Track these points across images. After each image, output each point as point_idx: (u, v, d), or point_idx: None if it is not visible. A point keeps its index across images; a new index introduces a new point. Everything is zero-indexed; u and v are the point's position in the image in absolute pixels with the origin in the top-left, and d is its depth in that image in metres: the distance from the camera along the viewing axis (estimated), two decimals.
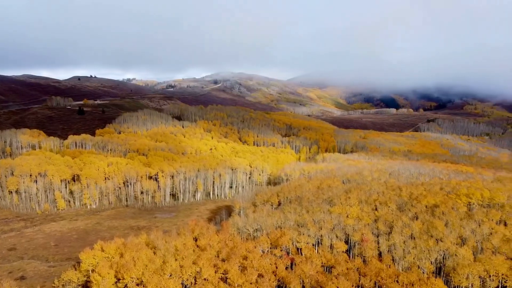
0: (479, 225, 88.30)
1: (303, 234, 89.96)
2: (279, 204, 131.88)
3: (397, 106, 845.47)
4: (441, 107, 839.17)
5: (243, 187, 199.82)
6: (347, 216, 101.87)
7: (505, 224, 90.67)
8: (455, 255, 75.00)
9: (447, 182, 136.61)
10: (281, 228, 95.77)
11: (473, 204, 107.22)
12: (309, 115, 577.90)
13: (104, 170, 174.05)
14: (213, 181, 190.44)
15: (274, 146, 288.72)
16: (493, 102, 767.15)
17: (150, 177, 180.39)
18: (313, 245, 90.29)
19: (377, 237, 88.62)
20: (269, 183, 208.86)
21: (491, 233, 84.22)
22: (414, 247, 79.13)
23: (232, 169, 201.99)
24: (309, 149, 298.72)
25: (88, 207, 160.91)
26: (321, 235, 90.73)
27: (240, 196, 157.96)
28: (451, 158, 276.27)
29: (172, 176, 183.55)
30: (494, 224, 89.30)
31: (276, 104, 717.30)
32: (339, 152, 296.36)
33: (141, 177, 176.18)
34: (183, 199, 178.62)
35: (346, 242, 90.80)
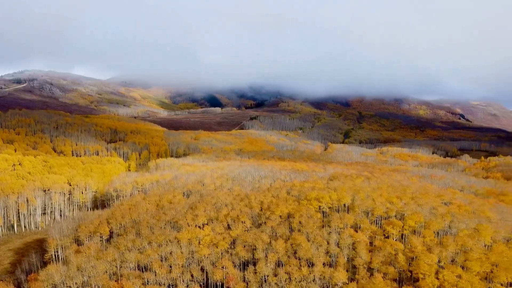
0: (339, 234, 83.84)
1: (150, 282, 69.24)
2: (111, 235, 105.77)
3: (220, 105, 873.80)
4: (260, 105, 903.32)
5: (61, 211, 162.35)
6: (199, 243, 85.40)
7: (361, 229, 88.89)
8: (333, 280, 66.80)
9: (291, 184, 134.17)
10: (118, 277, 72.61)
11: (323, 207, 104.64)
12: (135, 117, 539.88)
13: None
14: (18, 209, 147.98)
15: (98, 154, 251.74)
16: (301, 100, 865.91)
17: None
18: None
19: (241, 270, 74.74)
20: (95, 202, 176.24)
21: (354, 243, 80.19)
22: (288, 279, 68.00)
23: (45, 190, 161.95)
24: (140, 155, 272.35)
25: None
26: (174, 279, 71.61)
27: (57, 226, 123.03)
28: (278, 154, 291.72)
29: None
30: (352, 231, 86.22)
31: (97, 106, 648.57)
32: (172, 155, 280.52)
33: None
34: None
35: (206, 285, 73.85)
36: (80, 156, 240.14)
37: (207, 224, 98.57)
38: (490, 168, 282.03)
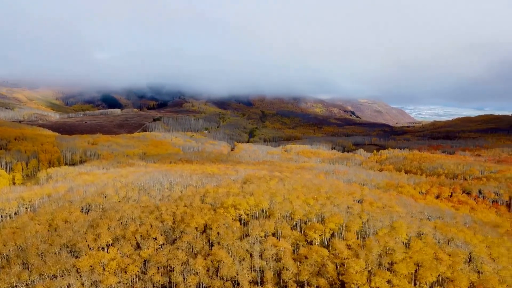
0: (262, 244, 78.80)
1: None
2: None
3: (120, 106, 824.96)
4: (162, 105, 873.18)
5: None
6: (104, 269, 73.55)
7: (282, 235, 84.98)
8: None
9: (204, 190, 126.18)
10: None
11: (241, 214, 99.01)
12: (20, 121, 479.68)
13: None
14: None
15: None
16: (204, 99, 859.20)
17: None
18: None
19: None
20: None
21: (277, 252, 75.76)
22: None
23: None
24: (27, 165, 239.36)
25: None
26: None
27: None
28: (185, 156, 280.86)
29: None
30: (274, 239, 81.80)
31: None
32: (66, 164, 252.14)
33: None
34: None
35: None
36: None
37: (112, 244, 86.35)
38: (382, 161, 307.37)
